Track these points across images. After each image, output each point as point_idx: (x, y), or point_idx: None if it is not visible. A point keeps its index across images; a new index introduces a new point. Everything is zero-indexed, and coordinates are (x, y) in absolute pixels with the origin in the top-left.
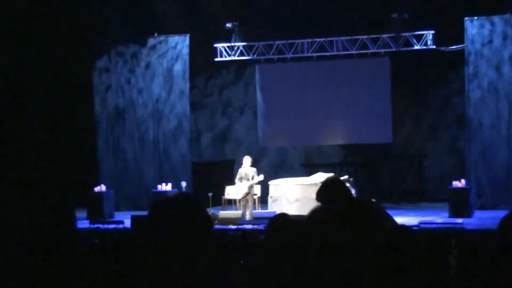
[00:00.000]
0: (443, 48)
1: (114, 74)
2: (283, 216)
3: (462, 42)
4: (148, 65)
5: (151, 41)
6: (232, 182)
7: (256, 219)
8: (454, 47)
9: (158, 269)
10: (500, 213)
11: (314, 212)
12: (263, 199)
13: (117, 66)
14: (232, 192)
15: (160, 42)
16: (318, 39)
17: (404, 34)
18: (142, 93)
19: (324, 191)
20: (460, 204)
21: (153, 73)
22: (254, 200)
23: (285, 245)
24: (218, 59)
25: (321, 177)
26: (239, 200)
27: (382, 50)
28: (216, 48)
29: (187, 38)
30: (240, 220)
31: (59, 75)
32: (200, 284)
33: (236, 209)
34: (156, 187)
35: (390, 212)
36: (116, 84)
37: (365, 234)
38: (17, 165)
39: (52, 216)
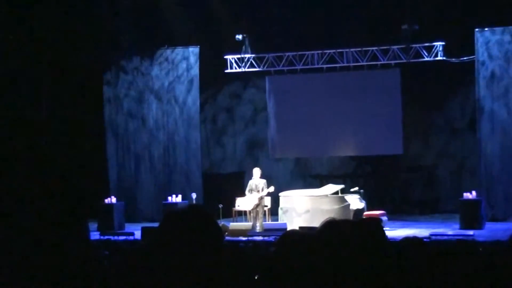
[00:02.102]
0: (453, 59)
1: (124, 86)
2: (293, 232)
3: (473, 53)
4: (158, 77)
5: (161, 53)
6: (242, 194)
7: (266, 231)
8: (464, 58)
9: (169, 281)
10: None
11: (326, 225)
12: (274, 211)
13: (127, 78)
14: (242, 203)
15: (170, 54)
16: (328, 51)
17: (414, 45)
18: (152, 105)
19: None
20: (471, 215)
21: (163, 84)
22: (264, 211)
23: (296, 260)
24: (228, 70)
25: (331, 188)
26: (250, 212)
27: (392, 62)
28: (226, 59)
29: (197, 50)
30: (250, 232)
31: (69, 87)
32: None
33: (246, 221)
34: (166, 199)
35: (401, 223)
36: (127, 96)
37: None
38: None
39: (64, 229)
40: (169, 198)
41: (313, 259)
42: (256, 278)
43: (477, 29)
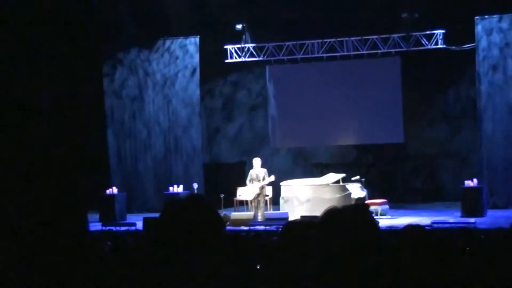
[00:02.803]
0: (454, 47)
1: (124, 76)
2: (295, 222)
3: (473, 41)
4: (157, 67)
5: (161, 43)
6: (243, 184)
7: (268, 220)
8: (465, 46)
9: (170, 270)
10: None
11: (327, 214)
12: (275, 200)
13: (127, 68)
14: (243, 193)
15: (170, 44)
16: (329, 40)
17: (414, 33)
18: (152, 95)
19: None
20: (472, 203)
21: (163, 75)
22: (266, 201)
23: (298, 249)
24: (229, 60)
25: (332, 177)
26: (251, 201)
27: (393, 50)
28: (226, 49)
29: (197, 40)
30: (252, 221)
31: (69, 77)
32: (212, 285)
33: (248, 211)
34: (167, 189)
35: (403, 211)
36: (127, 86)
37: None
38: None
39: (64, 219)
40: (171, 188)
41: (315, 248)
42: (258, 267)
43: (477, 17)
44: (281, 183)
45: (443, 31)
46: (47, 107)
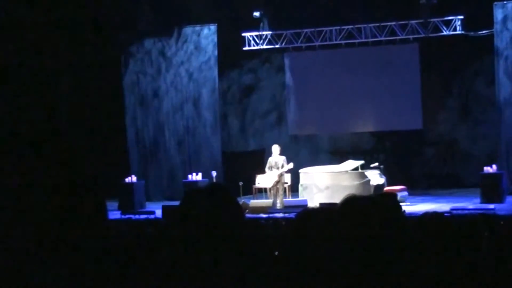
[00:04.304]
0: (472, 33)
1: (143, 65)
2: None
3: (492, 27)
4: (176, 56)
5: (179, 32)
6: (262, 171)
7: (286, 207)
8: (483, 32)
9: (190, 259)
10: None
11: (347, 201)
12: (294, 188)
13: (145, 57)
14: (262, 181)
15: (188, 32)
16: (346, 27)
17: (432, 19)
18: (171, 84)
19: None
20: (492, 189)
21: (181, 63)
22: (285, 188)
23: (317, 236)
24: (246, 48)
25: (351, 164)
26: (270, 189)
27: (411, 36)
28: (244, 37)
29: (215, 27)
30: (271, 209)
31: (88, 67)
32: (231, 274)
33: (266, 198)
34: (186, 177)
35: (421, 198)
36: (145, 75)
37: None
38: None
39: (82, 207)
40: (189, 176)
41: (334, 235)
42: (276, 254)
43: (495, 3)
44: (300, 170)
45: (461, 17)
46: (67, 94)
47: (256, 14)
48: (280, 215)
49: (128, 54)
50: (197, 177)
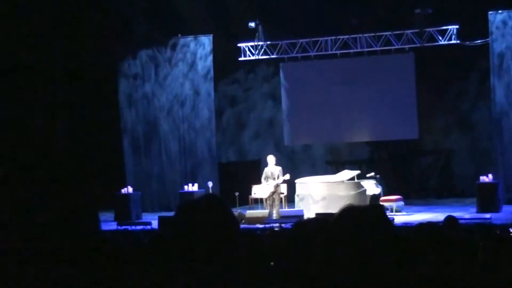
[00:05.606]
0: (467, 42)
1: (138, 75)
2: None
3: (487, 36)
4: (172, 66)
5: (174, 42)
6: (258, 181)
7: (283, 218)
8: (479, 41)
9: (186, 269)
10: None
11: (343, 212)
12: (290, 198)
13: (141, 67)
14: (258, 191)
15: (184, 43)
16: (342, 36)
17: (428, 29)
18: (166, 94)
19: None
20: (488, 199)
21: (177, 73)
22: (281, 198)
23: (313, 247)
24: (242, 58)
25: (347, 174)
26: (266, 199)
27: (406, 46)
28: (239, 47)
29: (211, 38)
30: (267, 219)
31: (83, 77)
32: (227, 283)
33: (263, 208)
34: (182, 188)
35: (417, 208)
36: (141, 85)
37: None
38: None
39: (76, 218)
40: (186, 187)
41: (330, 246)
42: (272, 264)
43: (490, 12)
44: (296, 181)
45: (456, 26)
46: (60, 107)
47: (252, 24)
48: (277, 225)
49: (123, 63)
50: (193, 187)
